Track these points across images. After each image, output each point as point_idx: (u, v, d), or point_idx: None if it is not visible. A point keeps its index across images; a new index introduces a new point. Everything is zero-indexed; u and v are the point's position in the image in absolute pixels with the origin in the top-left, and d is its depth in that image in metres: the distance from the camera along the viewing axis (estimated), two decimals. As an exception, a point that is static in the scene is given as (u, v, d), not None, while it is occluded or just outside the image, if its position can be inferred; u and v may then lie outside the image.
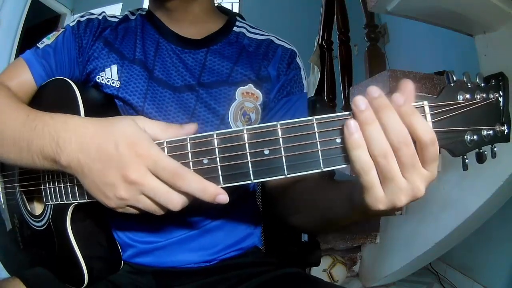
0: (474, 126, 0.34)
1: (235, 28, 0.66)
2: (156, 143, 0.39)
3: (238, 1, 4.09)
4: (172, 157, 0.38)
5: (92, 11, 0.65)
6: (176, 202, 0.38)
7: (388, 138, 0.32)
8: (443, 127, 0.34)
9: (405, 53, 2.66)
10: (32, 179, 0.56)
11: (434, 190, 1.32)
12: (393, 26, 2.89)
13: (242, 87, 0.61)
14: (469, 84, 0.34)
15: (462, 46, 1.55)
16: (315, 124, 0.35)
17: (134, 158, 0.37)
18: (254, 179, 0.36)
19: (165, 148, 0.39)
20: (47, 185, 0.52)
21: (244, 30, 0.67)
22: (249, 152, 0.36)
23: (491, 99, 0.34)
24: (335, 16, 1.91)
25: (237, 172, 0.37)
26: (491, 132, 0.35)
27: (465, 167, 0.36)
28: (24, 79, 0.59)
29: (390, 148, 0.33)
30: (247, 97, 0.61)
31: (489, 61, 1.12)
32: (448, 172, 1.27)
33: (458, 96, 0.34)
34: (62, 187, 0.49)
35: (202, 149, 0.37)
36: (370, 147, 0.33)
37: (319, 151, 0.35)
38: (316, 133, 0.35)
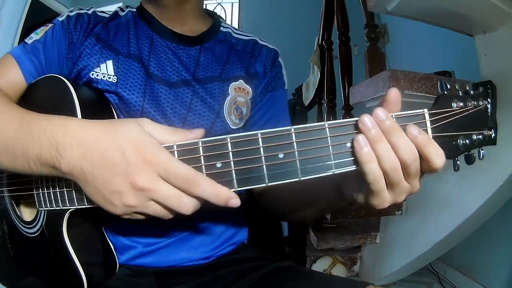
0: (466, 131, 0.38)
1: (221, 29, 0.70)
2: (165, 146, 0.38)
3: (238, 1, 4.09)
4: (183, 161, 0.37)
5: (81, 7, 0.63)
6: (188, 206, 0.37)
7: (399, 155, 0.35)
8: (440, 132, 0.37)
9: (405, 53, 2.66)
10: (23, 183, 0.54)
11: (434, 190, 1.32)
12: (393, 26, 2.89)
13: (234, 83, 0.64)
14: (460, 92, 0.38)
15: (462, 46, 1.55)
16: (327, 129, 0.36)
17: (143, 165, 0.36)
18: (268, 183, 0.37)
19: (175, 152, 0.38)
20: (40, 190, 0.50)
21: (230, 31, 0.70)
22: (264, 156, 0.36)
23: (481, 106, 0.38)
24: (335, 16, 1.90)
25: (251, 176, 0.37)
26: (480, 136, 0.38)
27: (456, 167, 0.40)
28: (14, 76, 0.56)
29: (399, 163, 0.35)
30: (239, 92, 0.64)
31: (489, 61, 1.11)
32: (448, 172, 1.27)
33: (453, 104, 0.37)
34: (58, 192, 0.47)
35: (215, 152, 0.37)
36: (380, 161, 0.35)
37: (331, 154, 0.36)
38: (328, 138, 0.36)
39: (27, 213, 0.58)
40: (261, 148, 0.36)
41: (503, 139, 0.98)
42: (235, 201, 0.37)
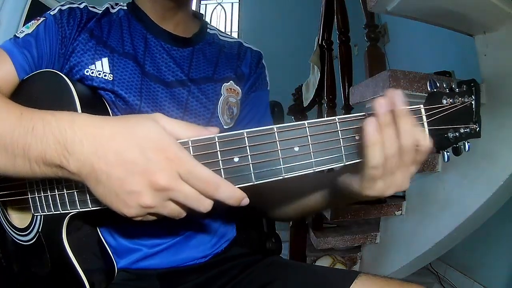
0: (455, 125, 0.41)
1: (209, 31, 0.71)
2: (180, 142, 0.36)
3: (238, 1, 4.09)
4: (199, 156, 0.37)
5: (72, 1, 0.62)
6: (207, 204, 0.36)
7: (401, 141, 0.37)
8: (434, 125, 0.40)
9: (405, 53, 2.66)
10: (15, 187, 0.50)
11: (434, 190, 1.32)
12: (393, 26, 2.89)
13: (225, 84, 0.65)
14: (447, 90, 0.41)
15: (462, 46, 1.55)
16: (337, 123, 0.38)
17: (164, 164, 0.34)
18: (285, 175, 0.38)
19: (190, 148, 0.37)
20: (36, 193, 0.47)
21: (216, 33, 0.72)
22: (280, 150, 0.37)
23: (466, 102, 0.41)
24: (335, 16, 1.90)
25: (269, 169, 0.37)
26: (467, 129, 0.41)
27: (446, 158, 0.43)
28: (5, 71, 0.53)
29: (399, 149, 0.37)
30: (230, 92, 0.65)
31: (489, 61, 1.11)
32: (448, 172, 1.27)
33: (443, 100, 0.41)
34: (57, 195, 0.44)
35: (232, 147, 0.37)
36: (385, 146, 0.37)
37: (342, 147, 0.39)
38: (339, 131, 0.38)
39: (19, 220, 0.55)
40: (277, 142, 0.37)
41: (503, 139, 0.98)
42: (246, 200, 0.37)
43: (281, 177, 0.37)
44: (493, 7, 0.99)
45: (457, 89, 0.41)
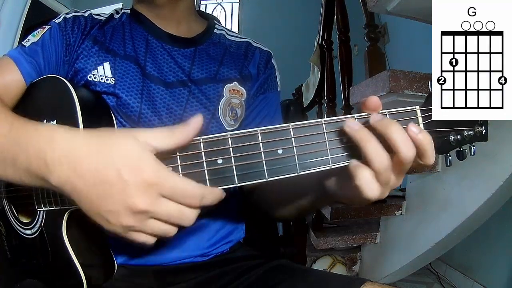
0: (457, 127, 0.39)
1: (215, 31, 0.70)
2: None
3: (238, 1, 4.09)
4: (184, 157, 0.37)
5: (77, 9, 0.64)
6: (191, 218, 0.36)
7: (398, 151, 0.35)
8: (432, 128, 0.38)
9: (405, 53, 2.66)
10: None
11: (434, 190, 1.32)
12: (393, 26, 2.90)
13: (228, 84, 0.65)
14: None
15: (462, 46, 1.55)
16: (323, 125, 0.37)
17: (141, 187, 0.34)
18: (268, 178, 0.37)
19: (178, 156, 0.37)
20: (40, 190, 0.50)
21: (224, 33, 0.71)
22: (263, 152, 0.37)
23: None
24: (335, 16, 1.90)
25: (252, 171, 0.37)
26: (471, 132, 0.39)
27: (448, 163, 0.41)
28: (13, 78, 0.56)
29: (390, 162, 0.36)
30: (234, 93, 0.65)
31: (489, 61, 1.11)
32: (448, 172, 1.27)
33: None
34: (58, 192, 0.45)
35: (216, 149, 0.37)
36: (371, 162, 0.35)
37: (328, 150, 0.37)
38: (325, 133, 0.37)
39: (25, 214, 0.57)
40: (261, 144, 0.37)
41: (503, 139, 0.98)
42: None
43: (264, 180, 0.37)
44: (493, 7, 0.99)
45: None
